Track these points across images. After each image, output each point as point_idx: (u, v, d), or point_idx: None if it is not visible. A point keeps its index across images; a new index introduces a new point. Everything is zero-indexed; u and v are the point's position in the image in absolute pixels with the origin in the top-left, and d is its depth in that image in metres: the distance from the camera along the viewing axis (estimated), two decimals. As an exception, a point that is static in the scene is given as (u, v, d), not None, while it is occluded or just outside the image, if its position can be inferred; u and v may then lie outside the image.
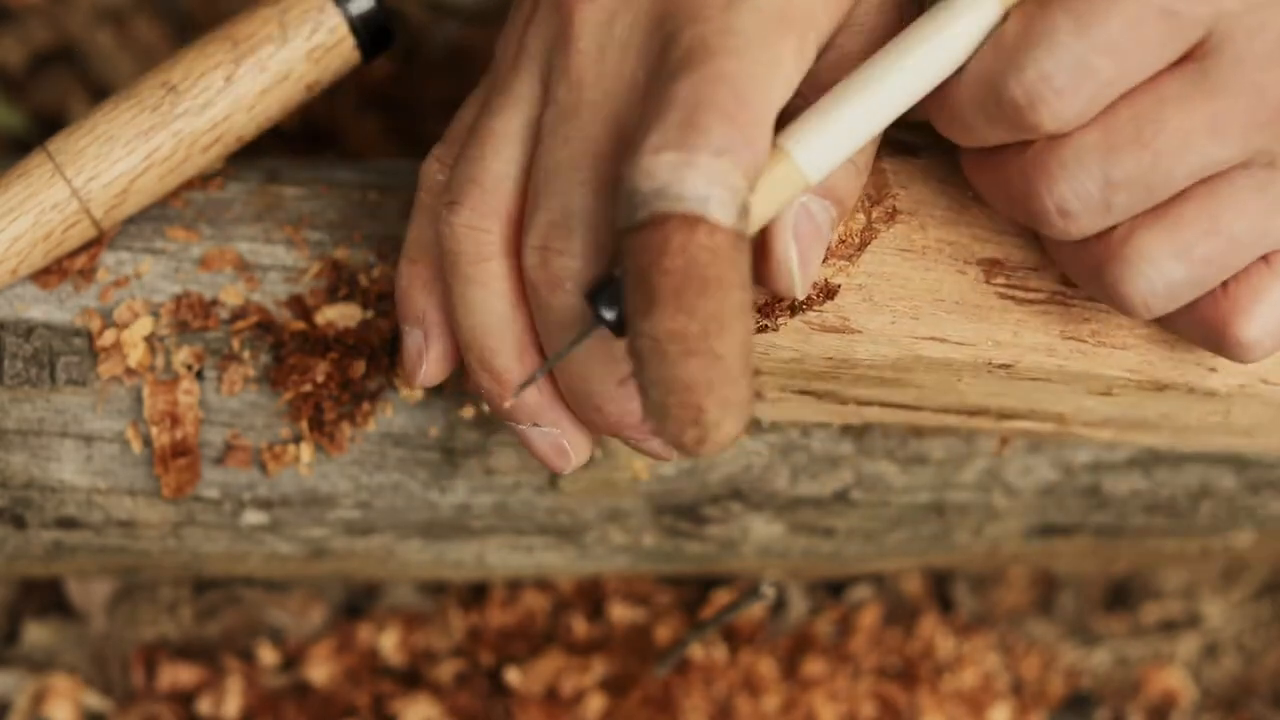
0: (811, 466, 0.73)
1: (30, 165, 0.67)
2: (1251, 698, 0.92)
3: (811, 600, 0.92)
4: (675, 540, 0.76)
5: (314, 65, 0.69)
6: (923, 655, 0.90)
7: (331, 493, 0.72)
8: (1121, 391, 0.66)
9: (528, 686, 0.87)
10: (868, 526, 0.76)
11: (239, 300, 0.70)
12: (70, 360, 0.69)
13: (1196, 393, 0.66)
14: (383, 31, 0.70)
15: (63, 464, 0.70)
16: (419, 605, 0.90)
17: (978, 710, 0.89)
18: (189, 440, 0.70)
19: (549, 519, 0.74)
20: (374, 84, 1.00)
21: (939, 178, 0.65)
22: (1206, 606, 0.93)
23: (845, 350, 0.63)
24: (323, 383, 0.70)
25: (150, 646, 0.88)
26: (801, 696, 0.87)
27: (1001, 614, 0.93)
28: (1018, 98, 0.55)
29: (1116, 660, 0.92)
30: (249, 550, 0.74)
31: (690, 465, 0.73)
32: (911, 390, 0.67)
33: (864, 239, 0.63)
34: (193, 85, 0.68)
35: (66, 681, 0.87)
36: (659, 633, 0.89)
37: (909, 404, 0.68)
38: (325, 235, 0.71)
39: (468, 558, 0.76)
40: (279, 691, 0.87)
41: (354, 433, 0.71)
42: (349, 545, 0.74)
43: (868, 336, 0.63)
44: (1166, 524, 0.78)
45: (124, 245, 0.70)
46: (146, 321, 0.69)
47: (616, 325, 0.56)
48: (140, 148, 0.67)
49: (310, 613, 0.90)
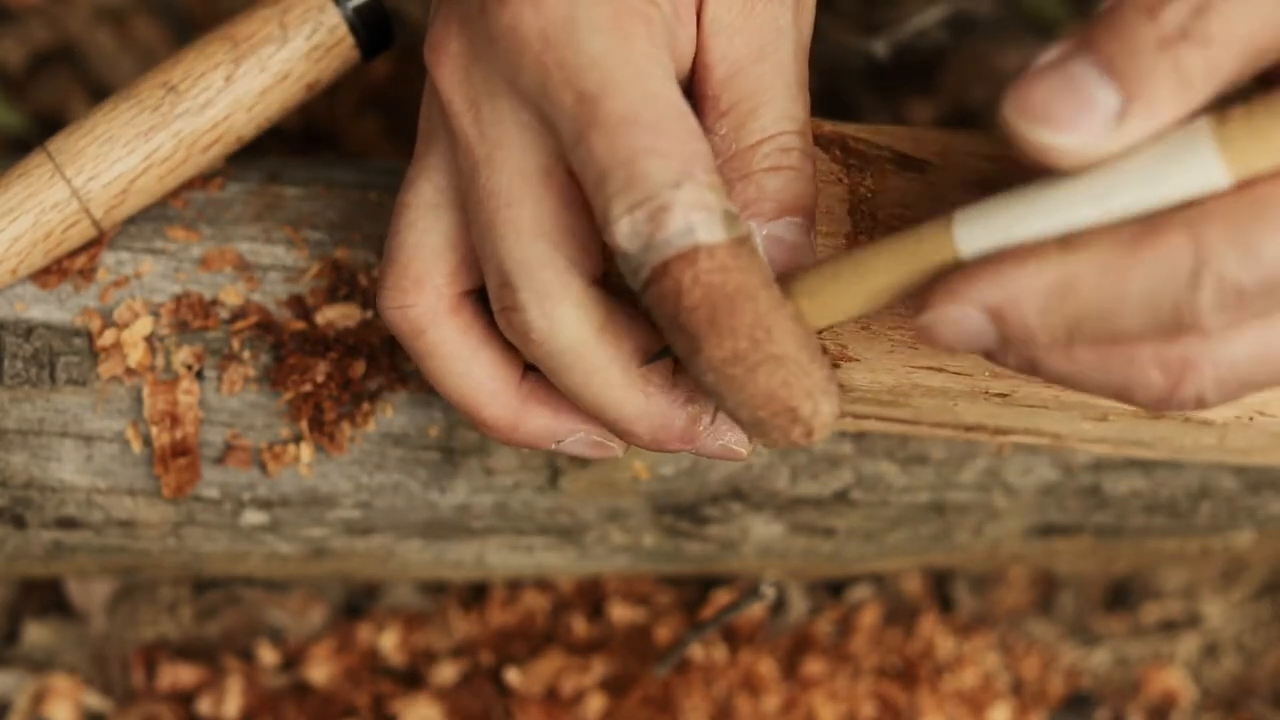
0: (811, 466, 0.73)
1: (30, 165, 0.67)
2: (1251, 698, 0.92)
3: (811, 600, 0.92)
4: (675, 540, 0.76)
5: (314, 65, 0.69)
6: (923, 655, 0.90)
7: (331, 493, 0.72)
8: (1117, 418, 0.66)
9: (528, 686, 0.87)
10: (868, 526, 0.76)
11: (239, 300, 0.70)
12: (70, 360, 0.69)
13: (1192, 421, 0.66)
14: (383, 31, 0.70)
15: (63, 464, 0.70)
16: (419, 605, 0.90)
17: (978, 710, 0.89)
18: (189, 440, 0.70)
19: (549, 519, 0.74)
20: (374, 84, 1.00)
21: (943, 196, 0.64)
22: (1206, 606, 0.93)
23: (842, 377, 0.63)
24: (323, 383, 0.70)
25: (150, 646, 0.88)
26: (801, 696, 0.87)
27: (1001, 614, 0.93)
28: (1207, 295, 0.51)
29: (1116, 660, 0.92)
30: (249, 550, 0.74)
31: (690, 465, 0.73)
32: (908, 409, 0.67)
33: None
34: (193, 85, 0.68)
35: (66, 681, 0.87)
36: (659, 633, 0.89)
37: (906, 419, 0.68)
38: (325, 235, 0.71)
39: (468, 558, 0.76)
40: (279, 691, 0.87)
41: (354, 433, 0.71)
42: (349, 545, 0.74)
43: (865, 365, 0.62)
44: (1166, 524, 0.78)
45: (124, 245, 0.70)
46: (146, 321, 0.69)
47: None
48: (140, 148, 0.67)
49: (310, 613, 0.90)
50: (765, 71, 0.60)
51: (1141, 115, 0.51)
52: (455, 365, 0.63)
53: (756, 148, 0.60)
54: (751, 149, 0.60)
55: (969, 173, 0.65)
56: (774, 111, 0.60)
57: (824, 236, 0.63)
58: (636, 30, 0.57)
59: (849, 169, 0.64)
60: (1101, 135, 0.51)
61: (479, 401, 0.63)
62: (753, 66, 0.60)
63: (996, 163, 0.66)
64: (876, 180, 0.64)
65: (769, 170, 0.60)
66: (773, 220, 0.59)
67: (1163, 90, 0.50)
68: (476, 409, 0.63)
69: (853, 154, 0.64)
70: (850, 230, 0.63)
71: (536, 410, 0.63)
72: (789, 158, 0.60)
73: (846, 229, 0.63)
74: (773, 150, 0.60)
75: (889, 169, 0.64)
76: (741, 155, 0.60)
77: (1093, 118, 0.51)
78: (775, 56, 0.61)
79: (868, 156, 0.65)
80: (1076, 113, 0.51)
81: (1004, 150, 0.67)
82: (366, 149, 0.99)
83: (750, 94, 0.60)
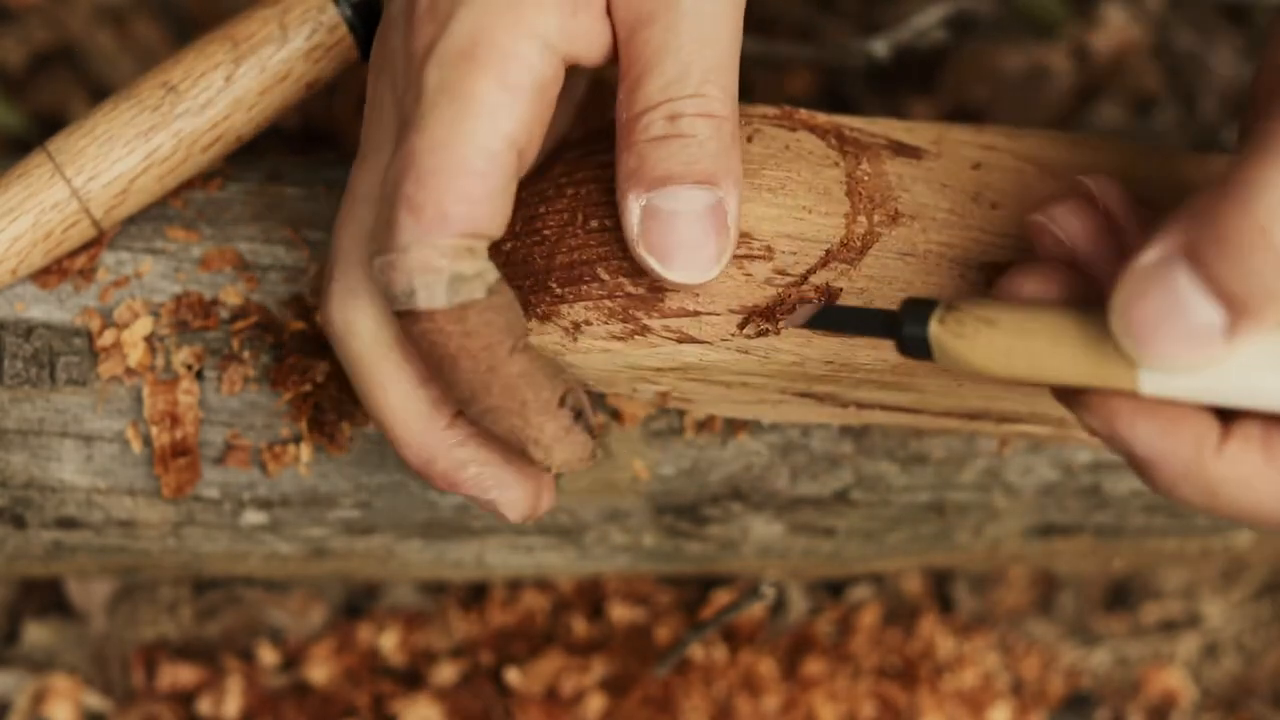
0: (811, 466, 0.73)
1: (30, 165, 0.67)
2: (1251, 698, 0.92)
3: (811, 600, 0.92)
4: (675, 540, 0.76)
5: (314, 65, 0.69)
6: (923, 655, 0.90)
7: (331, 493, 0.72)
8: None
9: (528, 686, 0.87)
10: (868, 526, 0.76)
11: (239, 300, 0.70)
12: (70, 360, 0.69)
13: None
14: (383, 31, 0.70)
15: (63, 464, 0.70)
16: (419, 605, 0.90)
17: (978, 710, 0.89)
18: (189, 440, 0.70)
19: (549, 519, 0.74)
20: (374, 84, 1.00)
21: (941, 182, 0.65)
22: (1206, 606, 0.93)
23: (846, 355, 0.63)
24: (323, 383, 0.70)
25: (150, 646, 0.88)
26: (801, 696, 0.87)
27: (1001, 614, 0.93)
28: None
29: (1116, 660, 0.92)
30: (249, 550, 0.74)
31: (691, 465, 0.73)
32: (913, 393, 0.67)
33: (865, 242, 0.63)
34: (193, 85, 0.68)
35: (66, 681, 0.87)
36: (659, 633, 0.89)
37: (909, 407, 0.68)
38: (325, 235, 0.71)
39: (468, 558, 0.76)
40: (279, 691, 0.87)
41: (354, 433, 0.71)
42: (349, 545, 0.74)
43: (869, 341, 0.63)
44: (1166, 524, 0.78)
45: (124, 245, 0.70)
46: (146, 321, 0.69)
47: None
48: (140, 148, 0.67)
49: (310, 613, 0.90)
50: (652, 36, 0.59)
51: (1251, 332, 0.51)
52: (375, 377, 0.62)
53: (640, 117, 0.59)
54: (635, 118, 0.59)
55: (965, 161, 0.65)
56: (660, 79, 0.59)
57: (823, 216, 0.63)
58: (482, 75, 0.57)
59: (845, 155, 0.64)
60: (1207, 354, 0.51)
61: (393, 420, 0.62)
62: (640, 32, 0.59)
63: (991, 152, 0.66)
64: (873, 164, 0.64)
65: (652, 140, 0.58)
66: (651, 190, 0.58)
67: (1275, 308, 0.50)
68: (390, 426, 0.62)
69: (848, 141, 0.65)
70: (849, 210, 0.63)
71: (458, 446, 0.62)
72: (676, 125, 0.58)
73: (845, 209, 0.63)
74: (657, 119, 0.58)
75: (885, 154, 0.65)
76: (625, 126, 0.59)
77: (1199, 339, 0.51)
78: (665, 19, 0.59)
79: (863, 144, 0.65)
80: (1182, 336, 0.51)
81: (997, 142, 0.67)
82: (366, 149, 0.99)
83: (635, 60, 0.59)
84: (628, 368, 0.63)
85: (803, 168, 0.64)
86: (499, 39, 0.57)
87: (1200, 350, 0.51)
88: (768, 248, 0.62)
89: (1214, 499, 0.54)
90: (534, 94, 0.58)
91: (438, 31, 0.58)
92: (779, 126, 0.65)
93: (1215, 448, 0.53)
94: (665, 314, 0.62)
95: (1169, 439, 0.53)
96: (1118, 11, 1.02)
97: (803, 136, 0.65)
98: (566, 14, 0.58)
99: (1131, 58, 1.01)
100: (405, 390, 0.61)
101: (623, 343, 0.62)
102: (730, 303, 0.62)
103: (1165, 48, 1.02)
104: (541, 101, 0.58)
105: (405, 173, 0.57)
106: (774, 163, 0.64)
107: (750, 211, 0.62)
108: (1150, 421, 0.54)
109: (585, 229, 0.62)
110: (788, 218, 0.63)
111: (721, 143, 0.59)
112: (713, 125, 0.59)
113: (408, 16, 0.59)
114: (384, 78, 0.62)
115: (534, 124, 0.58)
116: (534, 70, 0.57)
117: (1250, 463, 0.53)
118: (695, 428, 0.72)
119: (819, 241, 0.63)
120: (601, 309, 0.62)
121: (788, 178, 0.63)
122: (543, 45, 0.58)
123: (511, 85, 0.57)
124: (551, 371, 0.60)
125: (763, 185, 0.63)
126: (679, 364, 0.63)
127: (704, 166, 0.58)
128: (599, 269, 0.62)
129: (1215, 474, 0.53)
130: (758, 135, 0.64)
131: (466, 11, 0.57)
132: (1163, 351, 0.51)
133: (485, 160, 0.57)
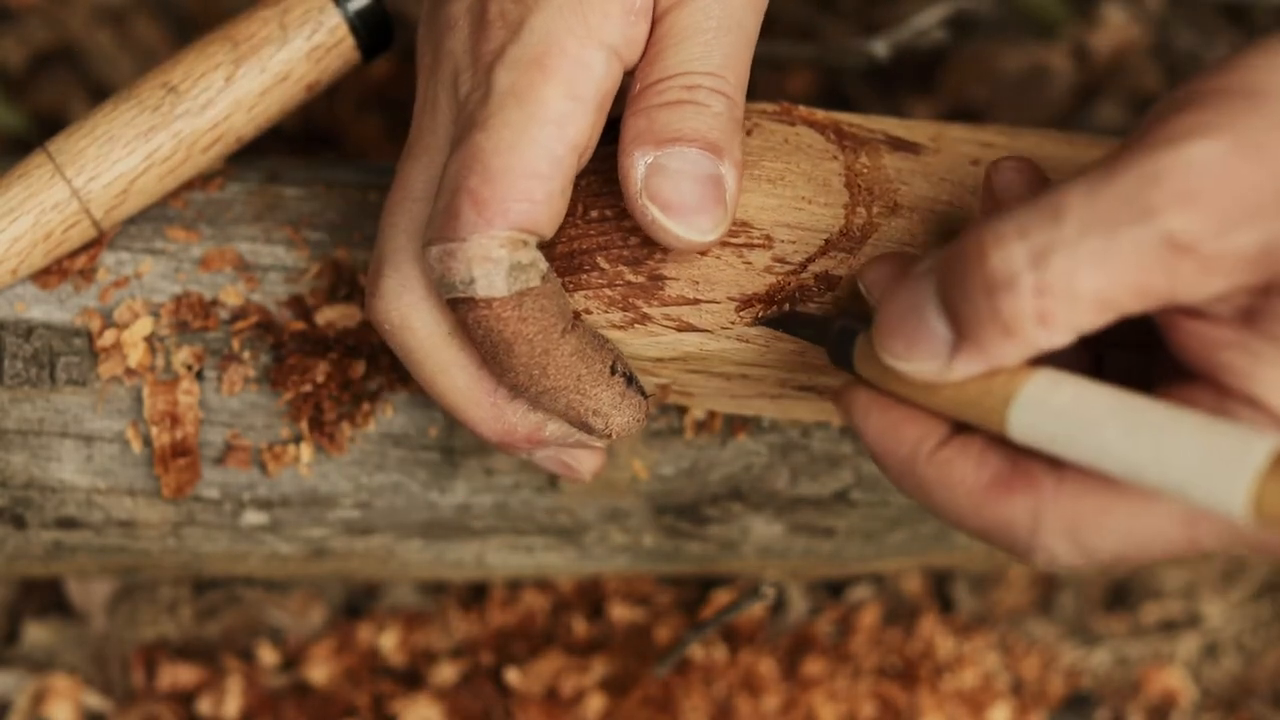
0: (811, 466, 0.73)
1: (30, 165, 0.67)
2: (1251, 698, 0.92)
3: (811, 600, 0.92)
4: (675, 540, 0.76)
5: (314, 66, 0.69)
6: (923, 655, 0.90)
7: (331, 493, 0.72)
8: None
9: (528, 686, 0.87)
10: (868, 526, 0.76)
11: (239, 300, 0.70)
12: (70, 360, 0.69)
13: None
14: (383, 31, 0.70)
15: (63, 464, 0.70)
16: (419, 605, 0.90)
17: (978, 710, 0.89)
18: (189, 440, 0.70)
19: (549, 519, 0.74)
20: (374, 84, 1.00)
21: (940, 176, 0.65)
22: (1206, 606, 0.93)
23: None
24: (323, 383, 0.70)
25: (150, 646, 0.88)
26: (801, 696, 0.87)
27: (1001, 614, 0.93)
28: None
29: (1116, 660, 0.92)
30: (249, 550, 0.74)
31: (690, 465, 0.73)
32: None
33: (865, 232, 0.64)
34: (193, 85, 0.68)
35: (66, 681, 0.87)
36: (659, 633, 0.89)
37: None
38: (325, 235, 0.71)
39: (468, 558, 0.76)
40: (279, 691, 0.87)
41: (354, 433, 0.71)
42: (349, 545, 0.74)
43: None
44: (1166, 524, 0.78)
45: (124, 245, 0.70)
46: (146, 321, 0.69)
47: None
48: (140, 148, 0.67)
49: (310, 613, 0.90)
50: (682, 15, 0.61)
51: (971, 356, 0.54)
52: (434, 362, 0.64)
53: (656, 84, 0.61)
54: (650, 86, 0.61)
55: (963, 157, 0.66)
56: (684, 53, 0.61)
57: (822, 207, 0.64)
58: (549, 83, 0.59)
59: (844, 149, 0.65)
60: (934, 365, 0.55)
61: (464, 401, 0.64)
62: (673, 11, 0.62)
63: (989, 149, 0.66)
64: (871, 158, 0.65)
65: (664, 105, 0.61)
66: (660, 149, 0.60)
67: (989, 335, 0.53)
68: (461, 409, 0.64)
69: (846, 136, 0.65)
70: (848, 201, 0.64)
71: (530, 412, 0.64)
72: (692, 94, 0.61)
73: (844, 200, 0.64)
74: (673, 86, 0.61)
75: (883, 149, 0.65)
76: (638, 94, 0.61)
77: (928, 346, 0.54)
78: (699, 2, 0.61)
79: (861, 138, 0.65)
80: (915, 338, 0.54)
81: (995, 139, 0.67)
82: (366, 149, 0.99)
83: (661, 37, 0.62)
84: (628, 359, 0.64)
85: (801, 160, 0.64)
86: (569, 47, 0.59)
87: (928, 358, 0.54)
88: (767, 236, 0.63)
89: (927, 498, 0.58)
90: (597, 103, 0.60)
91: (509, 36, 0.60)
92: (778, 121, 0.65)
93: (930, 451, 0.57)
94: (665, 302, 0.62)
95: (891, 437, 0.57)
96: (1117, 11, 1.02)
97: (801, 131, 0.65)
98: (630, 22, 0.61)
99: (1131, 57, 1.01)
100: (470, 372, 0.63)
101: (623, 331, 0.62)
102: (730, 290, 0.62)
103: (1165, 47, 1.02)
104: (602, 110, 0.61)
105: (470, 168, 0.59)
106: (773, 154, 0.64)
107: (749, 201, 0.63)
108: (881, 418, 0.58)
109: (585, 219, 0.63)
110: (786, 207, 0.63)
111: (732, 121, 0.61)
112: (726, 103, 0.61)
113: (476, 20, 0.61)
114: (439, 78, 0.63)
115: (593, 131, 0.61)
116: (598, 80, 0.60)
117: (958, 470, 0.56)
118: (695, 428, 0.72)
119: (818, 231, 0.63)
120: (601, 297, 0.62)
121: (786, 169, 0.64)
122: (609, 54, 0.60)
123: (579, 95, 0.60)
124: (598, 344, 0.62)
125: (762, 176, 0.63)
126: (679, 354, 0.63)
127: (714, 136, 0.61)
128: (598, 258, 0.62)
129: (925, 475, 0.57)
130: (757, 129, 0.65)
131: (538, 19, 0.60)
132: (894, 347, 0.55)
133: (550, 164, 0.59)
